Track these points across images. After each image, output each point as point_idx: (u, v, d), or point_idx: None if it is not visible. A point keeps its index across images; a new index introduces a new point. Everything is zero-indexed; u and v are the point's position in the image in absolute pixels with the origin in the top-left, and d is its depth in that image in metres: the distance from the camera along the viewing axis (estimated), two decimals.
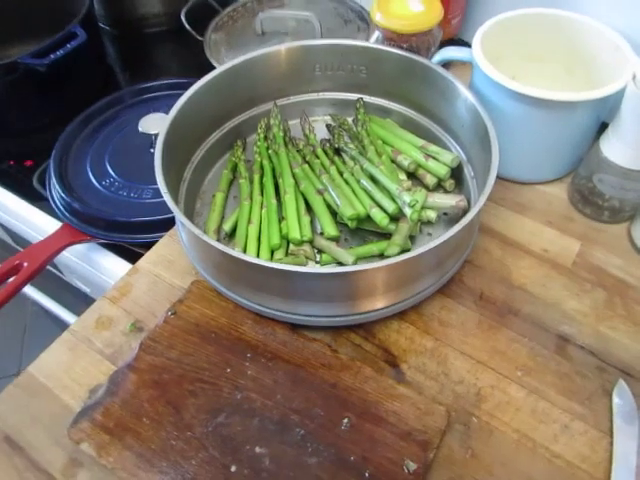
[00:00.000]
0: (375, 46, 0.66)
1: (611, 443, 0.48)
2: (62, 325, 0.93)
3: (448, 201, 0.61)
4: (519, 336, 0.55)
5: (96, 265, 0.72)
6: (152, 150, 0.76)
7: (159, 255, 0.62)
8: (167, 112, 0.74)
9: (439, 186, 0.65)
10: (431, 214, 0.60)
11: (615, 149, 0.57)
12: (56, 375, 0.52)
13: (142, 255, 0.64)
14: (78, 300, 0.92)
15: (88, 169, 0.76)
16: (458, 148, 0.65)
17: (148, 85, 0.85)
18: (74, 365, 0.53)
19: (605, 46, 0.62)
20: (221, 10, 0.98)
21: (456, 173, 0.64)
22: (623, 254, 0.61)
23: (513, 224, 0.63)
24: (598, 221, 0.63)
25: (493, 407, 0.50)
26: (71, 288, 0.91)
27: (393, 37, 0.67)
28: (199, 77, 0.86)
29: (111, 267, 0.71)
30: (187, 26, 0.93)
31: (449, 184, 0.64)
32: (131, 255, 0.71)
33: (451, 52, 0.65)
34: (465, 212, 0.60)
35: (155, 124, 0.74)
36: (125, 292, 0.58)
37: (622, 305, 0.57)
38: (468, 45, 0.81)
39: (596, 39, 0.63)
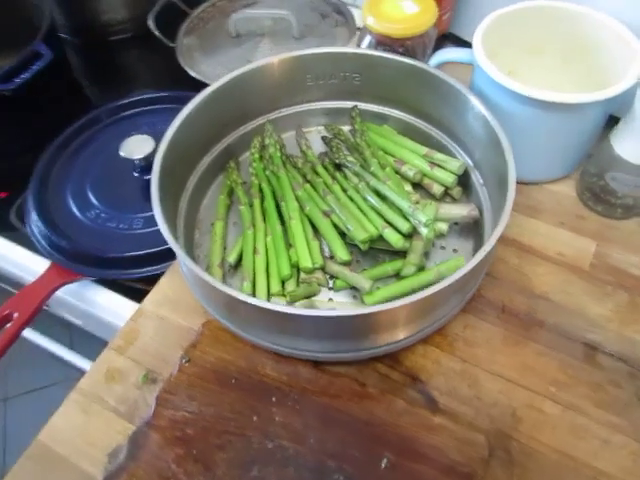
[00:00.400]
0: (370, 52, 0.62)
1: None
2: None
3: (459, 211, 0.58)
4: (547, 349, 0.53)
5: (90, 302, 0.68)
6: (135, 174, 0.71)
7: (163, 295, 0.58)
8: (147, 132, 0.71)
9: (445, 194, 0.62)
10: (442, 226, 0.58)
11: (628, 146, 0.56)
12: (71, 441, 0.49)
13: (138, 288, 0.60)
14: (64, 329, 0.87)
15: (70, 200, 0.71)
16: (462, 153, 0.63)
17: (124, 102, 0.79)
18: (88, 427, 0.50)
19: (608, 37, 0.60)
20: (190, 12, 0.93)
21: (462, 179, 0.62)
22: None
23: (526, 229, 0.62)
24: (611, 218, 0.62)
25: (531, 428, 0.49)
26: (58, 318, 0.86)
27: (386, 41, 0.63)
28: (175, 88, 0.82)
29: (107, 304, 0.67)
30: (156, 32, 0.87)
31: (456, 191, 0.62)
32: (126, 289, 0.67)
33: (449, 54, 0.62)
34: (476, 221, 0.58)
35: (137, 148, 0.69)
36: (131, 340, 0.55)
37: None
38: (460, 40, 0.79)
39: (598, 30, 0.61)
